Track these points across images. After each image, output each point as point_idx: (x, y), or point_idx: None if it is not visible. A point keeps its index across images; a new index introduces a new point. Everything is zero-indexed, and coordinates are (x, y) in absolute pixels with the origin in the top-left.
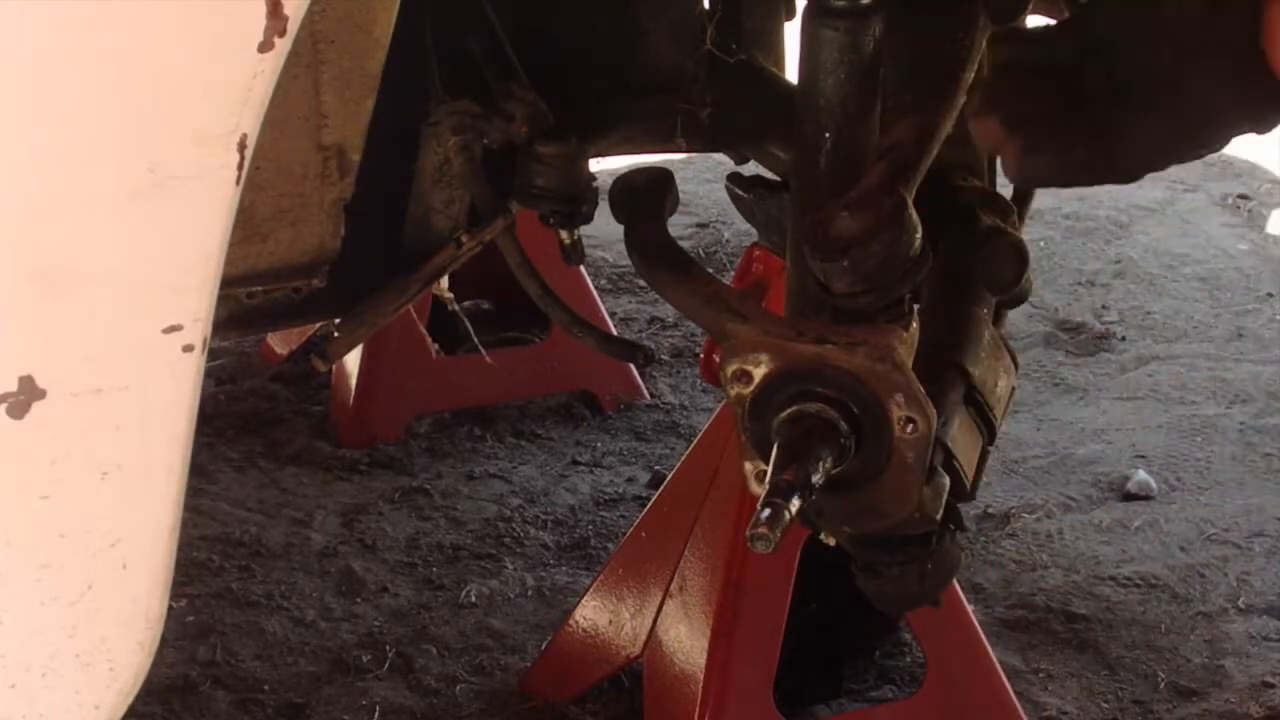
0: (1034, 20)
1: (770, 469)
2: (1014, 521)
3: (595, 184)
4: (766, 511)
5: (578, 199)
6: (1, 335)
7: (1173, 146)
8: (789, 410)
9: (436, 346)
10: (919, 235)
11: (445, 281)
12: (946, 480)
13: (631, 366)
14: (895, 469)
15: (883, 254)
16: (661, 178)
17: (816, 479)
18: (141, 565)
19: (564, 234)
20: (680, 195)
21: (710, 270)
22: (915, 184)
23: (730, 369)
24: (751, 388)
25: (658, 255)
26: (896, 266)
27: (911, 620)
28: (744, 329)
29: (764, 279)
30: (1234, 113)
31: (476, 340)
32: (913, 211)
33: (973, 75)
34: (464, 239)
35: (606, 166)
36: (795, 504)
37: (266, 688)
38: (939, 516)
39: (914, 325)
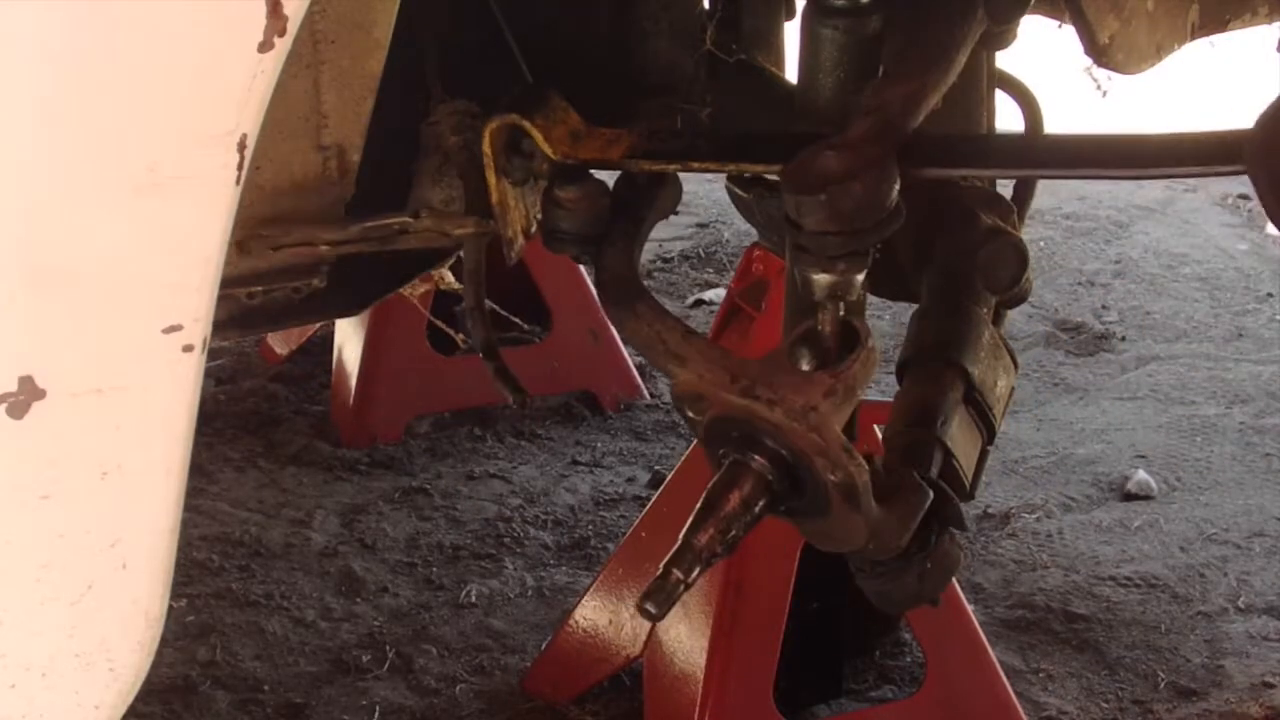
0: (1034, 20)
1: (685, 528)
2: (1014, 521)
3: None
4: (661, 580)
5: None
6: (1, 335)
7: None
8: (728, 457)
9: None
10: (896, 189)
11: (449, 275)
12: (925, 499)
13: (632, 366)
14: (837, 512)
15: (861, 195)
16: (635, 199)
17: (734, 534)
18: (141, 565)
19: None
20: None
21: (710, 271)
22: (896, 146)
23: (681, 405)
24: (703, 420)
25: (613, 289)
26: (872, 213)
27: (911, 620)
28: (682, 373)
29: (764, 279)
30: None
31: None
32: (894, 164)
33: (964, 59)
34: (424, 214)
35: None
36: (695, 573)
37: (266, 688)
38: (904, 544)
39: (868, 355)
